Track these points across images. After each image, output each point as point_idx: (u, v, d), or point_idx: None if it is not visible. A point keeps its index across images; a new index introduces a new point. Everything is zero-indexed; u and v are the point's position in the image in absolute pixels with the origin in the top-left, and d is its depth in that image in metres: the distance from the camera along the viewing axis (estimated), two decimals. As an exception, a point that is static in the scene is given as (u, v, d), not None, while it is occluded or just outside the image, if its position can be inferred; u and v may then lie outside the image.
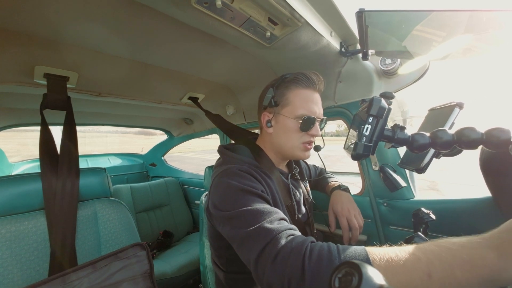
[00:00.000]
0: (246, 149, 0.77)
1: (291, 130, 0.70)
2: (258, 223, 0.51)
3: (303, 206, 0.82)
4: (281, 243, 0.46)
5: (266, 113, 0.73)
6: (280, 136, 0.72)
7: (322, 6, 0.66)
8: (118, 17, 0.65)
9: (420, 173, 0.62)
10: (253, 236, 0.49)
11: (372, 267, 0.24)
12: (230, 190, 0.59)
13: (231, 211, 0.56)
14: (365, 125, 0.48)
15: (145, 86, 1.20)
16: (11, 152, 2.15)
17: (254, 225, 0.51)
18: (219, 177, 0.65)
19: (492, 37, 0.68)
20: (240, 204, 0.55)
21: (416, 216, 0.69)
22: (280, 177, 0.76)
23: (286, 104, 0.70)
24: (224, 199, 0.59)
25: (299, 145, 0.71)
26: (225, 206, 0.58)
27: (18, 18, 0.63)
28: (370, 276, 0.23)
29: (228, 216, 0.56)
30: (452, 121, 0.59)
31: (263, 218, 0.52)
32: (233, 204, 0.57)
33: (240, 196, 0.58)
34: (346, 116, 1.12)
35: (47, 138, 0.81)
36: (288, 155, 0.75)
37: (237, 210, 0.55)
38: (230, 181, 0.61)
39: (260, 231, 0.49)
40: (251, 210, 0.54)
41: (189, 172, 2.44)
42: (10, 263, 0.68)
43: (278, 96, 0.70)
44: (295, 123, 0.69)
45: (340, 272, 0.25)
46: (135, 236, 0.93)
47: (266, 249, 0.46)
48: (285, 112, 0.70)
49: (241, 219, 0.54)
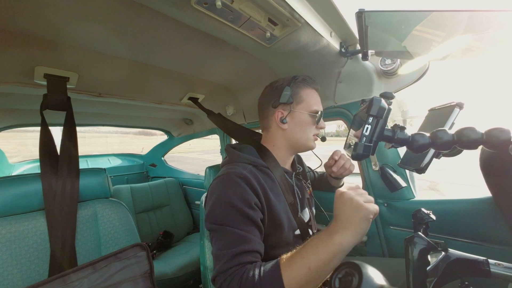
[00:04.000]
0: (253, 148, 0.80)
1: (307, 124, 0.77)
2: (227, 248, 0.58)
3: (306, 206, 0.84)
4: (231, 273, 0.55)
5: (280, 111, 0.78)
6: (296, 131, 0.78)
7: (322, 7, 0.66)
8: (118, 17, 0.65)
9: (420, 173, 0.62)
10: (219, 257, 0.59)
11: (372, 267, 0.24)
12: (220, 202, 0.64)
13: (212, 224, 0.63)
14: (365, 125, 0.48)
15: (145, 87, 1.20)
16: (11, 153, 2.15)
17: (221, 249, 0.59)
18: (220, 179, 0.68)
19: (492, 37, 0.68)
20: (224, 220, 0.61)
21: (416, 216, 0.69)
22: (284, 175, 0.79)
23: (300, 101, 0.77)
24: (212, 209, 0.64)
25: (311, 137, 0.79)
26: (210, 216, 0.64)
27: (18, 18, 0.63)
28: (370, 276, 0.23)
29: (209, 228, 0.64)
30: (452, 121, 0.58)
31: (233, 244, 0.58)
32: (216, 217, 0.62)
33: (228, 212, 0.62)
34: (346, 116, 1.12)
35: (47, 138, 0.81)
36: (302, 146, 0.81)
37: (219, 226, 0.61)
38: (226, 191, 0.64)
39: (224, 256, 0.57)
40: (229, 232, 0.60)
41: (189, 172, 2.44)
42: (10, 263, 0.68)
43: (293, 94, 0.77)
44: (309, 118, 0.77)
45: (340, 273, 0.25)
46: (135, 236, 0.93)
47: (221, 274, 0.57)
48: (300, 108, 0.77)
49: (216, 236, 0.62)
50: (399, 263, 0.84)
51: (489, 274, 0.42)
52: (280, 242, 0.70)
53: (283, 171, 0.79)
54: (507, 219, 0.73)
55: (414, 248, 0.47)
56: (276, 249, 0.70)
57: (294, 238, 0.73)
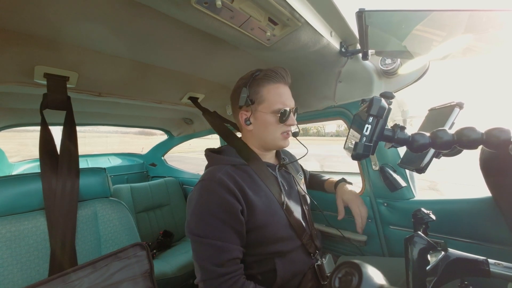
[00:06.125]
0: (233, 150, 0.80)
1: (270, 124, 0.75)
2: (207, 260, 0.62)
3: (297, 199, 0.84)
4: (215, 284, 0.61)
5: (243, 112, 0.77)
6: (261, 131, 0.77)
7: (322, 6, 0.66)
8: (118, 17, 0.65)
9: (420, 173, 0.62)
10: (200, 267, 0.63)
11: (372, 267, 0.24)
12: (198, 211, 0.65)
13: (192, 235, 0.65)
14: (365, 125, 0.48)
15: (145, 86, 1.20)
16: (11, 152, 2.15)
17: (204, 259, 0.62)
18: (196, 188, 0.70)
19: (492, 37, 0.68)
20: (203, 230, 0.64)
21: (416, 216, 0.69)
22: (267, 169, 0.79)
23: (261, 101, 0.74)
24: (192, 219, 0.66)
25: (279, 136, 0.77)
26: (190, 226, 0.66)
27: (18, 18, 0.62)
28: (370, 276, 0.23)
29: (190, 237, 0.66)
30: (452, 121, 0.58)
31: (213, 255, 0.62)
32: (196, 228, 0.65)
33: (204, 222, 0.64)
34: (346, 116, 1.12)
35: (47, 138, 0.81)
36: (271, 146, 0.81)
37: (198, 236, 0.63)
38: (201, 200, 0.66)
39: (206, 268, 0.62)
40: (208, 243, 0.63)
41: (189, 172, 2.44)
42: (10, 263, 0.68)
43: (252, 94, 0.74)
44: (273, 117, 0.74)
45: (340, 272, 0.25)
46: (135, 236, 0.93)
47: (204, 283, 0.62)
48: (262, 108, 0.75)
49: (196, 246, 0.64)
50: (399, 262, 0.84)
51: (488, 274, 0.42)
52: (269, 238, 0.70)
53: (265, 165, 0.79)
54: (507, 219, 0.73)
55: (414, 248, 0.47)
56: (268, 245, 0.70)
57: (286, 232, 0.73)
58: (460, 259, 0.45)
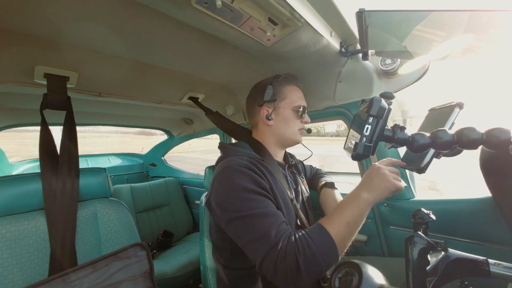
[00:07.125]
0: (246, 144, 0.83)
1: (290, 119, 0.82)
2: (262, 228, 0.58)
3: (301, 198, 0.86)
4: (280, 247, 0.56)
5: (265, 108, 0.82)
6: (281, 126, 0.82)
7: (322, 6, 0.66)
8: (118, 17, 0.65)
9: (420, 173, 0.62)
10: (258, 240, 0.58)
11: (372, 267, 0.24)
12: (235, 189, 0.64)
13: (237, 213, 0.61)
14: (365, 125, 0.48)
15: (145, 86, 1.20)
16: (11, 152, 2.15)
17: (258, 230, 0.59)
18: (222, 173, 0.68)
19: (492, 37, 0.68)
20: (245, 206, 0.61)
21: (416, 216, 0.69)
22: (278, 167, 0.82)
23: (283, 98, 0.82)
24: (229, 199, 0.64)
25: (296, 131, 0.83)
26: (230, 206, 0.63)
27: (18, 18, 0.63)
28: (370, 275, 0.23)
29: (234, 217, 0.62)
30: (452, 121, 0.58)
31: (266, 223, 0.59)
32: (239, 205, 0.62)
33: (245, 197, 0.62)
34: (346, 116, 1.12)
35: (47, 138, 0.81)
36: (288, 141, 0.85)
37: (243, 213, 0.60)
38: (234, 180, 0.65)
39: (264, 236, 0.58)
40: (256, 214, 0.60)
41: (189, 172, 2.44)
42: (10, 263, 0.68)
43: (276, 92, 0.81)
44: (293, 113, 0.82)
45: (340, 272, 0.25)
46: (135, 236, 0.93)
47: (269, 255, 0.56)
48: (284, 105, 0.82)
49: (246, 222, 0.60)
50: (399, 262, 0.84)
51: (488, 274, 0.42)
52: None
53: (277, 163, 0.82)
54: (507, 219, 0.73)
55: (414, 248, 0.47)
56: None
57: (294, 226, 0.74)
58: (460, 259, 0.45)
